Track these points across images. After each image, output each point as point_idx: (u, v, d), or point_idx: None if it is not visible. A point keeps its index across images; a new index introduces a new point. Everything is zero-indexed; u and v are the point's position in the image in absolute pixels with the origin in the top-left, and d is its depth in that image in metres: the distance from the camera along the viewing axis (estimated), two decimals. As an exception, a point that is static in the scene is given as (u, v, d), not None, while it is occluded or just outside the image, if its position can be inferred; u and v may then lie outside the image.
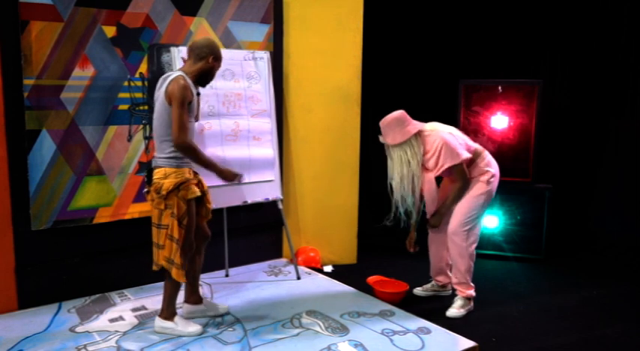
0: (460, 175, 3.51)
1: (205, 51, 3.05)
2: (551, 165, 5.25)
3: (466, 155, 3.47)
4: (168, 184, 2.94)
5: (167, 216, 2.98)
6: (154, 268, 3.13)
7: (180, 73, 3.00)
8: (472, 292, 3.65)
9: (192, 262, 3.28)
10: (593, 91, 5.24)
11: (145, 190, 3.10)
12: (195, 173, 3.18)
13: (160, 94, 3.02)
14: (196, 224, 3.16)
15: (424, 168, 3.55)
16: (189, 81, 2.99)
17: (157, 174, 2.99)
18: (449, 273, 3.82)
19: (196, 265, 3.34)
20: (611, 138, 5.17)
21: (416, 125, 3.52)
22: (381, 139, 3.55)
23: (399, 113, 3.51)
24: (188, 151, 2.98)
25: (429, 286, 3.94)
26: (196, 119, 3.26)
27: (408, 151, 3.47)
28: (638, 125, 4.98)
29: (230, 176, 3.15)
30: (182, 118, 2.91)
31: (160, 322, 3.18)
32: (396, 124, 3.48)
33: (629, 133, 5.04)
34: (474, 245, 3.59)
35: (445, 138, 3.47)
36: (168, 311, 3.18)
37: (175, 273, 3.02)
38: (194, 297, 3.40)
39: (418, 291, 3.92)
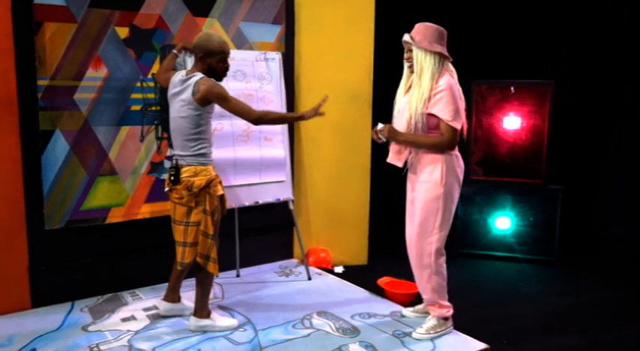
0: (445, 132, 3.00)
1: (195, 51, 3.06)
2: (564, 166, 5.21)
3: (457, 125, 2.99)
4: (199, 181, 3.00)
5: (198, 213, 3.04)
6: (179, 267, 3.20)
7: (200, 74, 3.01)
8: (447, 312, 3.17)
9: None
10: (606, 92, 5.20)
11: (167, 188, 3.13)
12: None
13: (183, 94, 3.01)
14: None
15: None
16: (213, 81, 3.02)
17: (186, 172, 3.03)
18: None
19: None
20: (626, 140, 5.12)
21: (449, 56, 3.06)
22: (406, 36, 3.06)
23: (444, 30, 3.05)
24: (267, 122, 3.11)
25: (420, 307, 3.43)
26: None
27: (427, 60, 2.99)
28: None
29: (314, 112, 3.20)
30: (240, 105, 3.01)
31: (196, 322, 3.21)
32: (438, 34, 3.02)
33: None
34: (441, 259, 3.13)
35: (454, 89, 3.00)
36: (204, 310, 3.22)
37: (212, 267, 3.10)
38: (173, 295, 3.42)
39: (407, 312, 3.46)
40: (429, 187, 3.06)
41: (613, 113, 5.17)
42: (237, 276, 4.16)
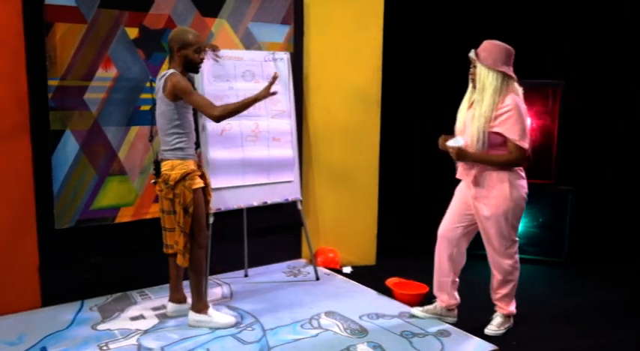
0: (514, 151, 3.05)
1: (172, 44, 3.13)
2: (575, 167, 5.17)
3: (525, 144, 3.04)
4: (175, 175, 3.10)
5: (176, 204, 3.14)
6: (165, 250, 3.31)
7: (172, 70, 3.11)
8: (513, 309, 3.37)
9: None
10: (617, 92, 5.16)
11: (153, 181, 3.28)
12: (199, 166, 3.29)
13: (159, 91, 3.13)
14: None
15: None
16: (180, 76, 3.10)
17: (165, 166, 3.15)
18: (454, 294, 3.43)
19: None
20: (635, 140, 5.08)
21: (514, 76, 3.11)
22: (472, 53, 3.14)
23: (512, 49, 3.13)
24: (228, 115, 3.09)
25: (431, 307, 3.47)
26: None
27: (490, 78, 3.06)
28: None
29: (266, 92, 3.18)
30: (201, 100, 3.07)
31: (193, 316, 3.25)
32: (504, 54, 3.10)
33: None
34: (517, 256, 3.31)
35: (521, 108, 3.05)
36: (200, 304, 3.25)
37: (179, 259, 3.16)
38: (177, 295, 3.45)
39: (416, 312, 3.48)
40: (499, 202, 3.14)
41: (621, 114, 5.13)
42: (246, 276, 4.17)
